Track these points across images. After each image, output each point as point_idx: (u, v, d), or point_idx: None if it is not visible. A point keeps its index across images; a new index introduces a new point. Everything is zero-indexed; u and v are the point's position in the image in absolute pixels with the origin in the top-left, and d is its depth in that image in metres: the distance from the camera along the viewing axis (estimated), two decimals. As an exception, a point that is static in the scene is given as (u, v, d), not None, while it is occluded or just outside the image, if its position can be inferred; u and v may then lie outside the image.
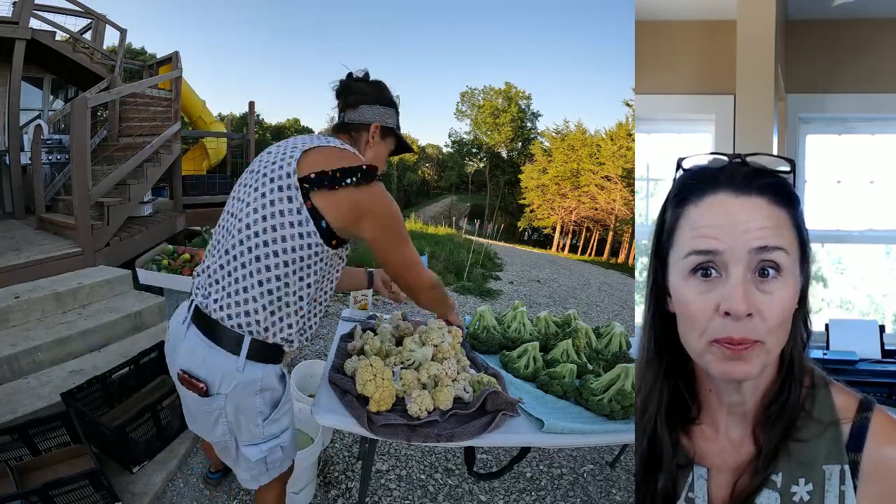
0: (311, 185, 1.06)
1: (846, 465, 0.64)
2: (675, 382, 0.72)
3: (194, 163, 7.99)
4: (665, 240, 0.69)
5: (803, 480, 0.65)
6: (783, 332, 0.64)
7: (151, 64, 7.86)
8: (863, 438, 0.64)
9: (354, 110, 1.29)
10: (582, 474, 2.33)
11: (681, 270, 0.66)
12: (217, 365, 1.11)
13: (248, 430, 1.17)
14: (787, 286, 0.63)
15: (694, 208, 0.66)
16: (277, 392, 1.19)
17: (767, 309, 0.62)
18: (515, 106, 26.75)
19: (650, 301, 0.73)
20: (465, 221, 18.41)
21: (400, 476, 2.22)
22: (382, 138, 1.32)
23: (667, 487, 0.70)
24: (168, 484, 2.04)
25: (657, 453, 0.71)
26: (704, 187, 0.66)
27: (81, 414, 2.04)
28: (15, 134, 5.40)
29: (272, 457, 1.23)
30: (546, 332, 1.97)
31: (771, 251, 0.62)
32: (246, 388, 1.12)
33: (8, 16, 5.28)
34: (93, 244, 3.92)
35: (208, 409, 1.15)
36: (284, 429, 1.25)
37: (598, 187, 20.07)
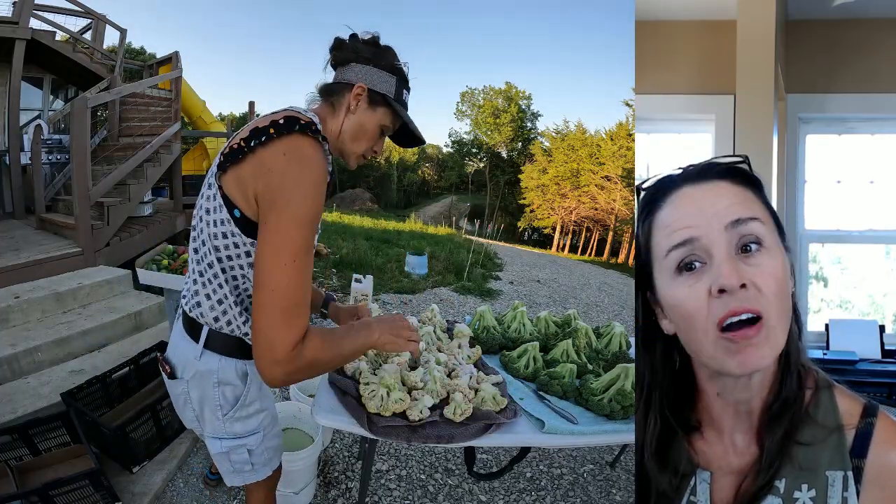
0: (222, 168, 0.93)
1: (849, 472, 0.63)
2: (662, 411, 0.71)
3: (194, 163, 7.99)
4: (645, 256, 0.70)
5: (806, 486, 0.64)
6: (782, 307, 0.62)
7: (151, 64, 7.87)
8: (867, 444, 0.63)
9: (344, 69, 1.06)
10: (582, 474, 2.33)
11: (667, 273, 0.66)
12: (183, 352, 1.12)
13: (210, 422, 1.14)
14: (774, 257, 0.63)
15: (661, 211, 0.68)
16: (238, 388, 1.11)
17: (760, 279, 0.61)
18: (515, 106, 26.73)
19: (637, 330, 0.73)
20: (465, 221, 18.41)
21: (400, 476, 2.22)
22: (371, 107, 1.05)
23: (669, 494, 0.70)
24: (168, 484, 2.04)
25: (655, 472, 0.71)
26: (666, 190, 0.68)
27: (81, 414, 2.04)
28: (15, 134, 5.40)
29: (236, 456, 1.16)
30: (546, 332, 1.96)
31: (746, 222, 0.62)
32: (204, 378, 1.10)
33: (8, 16, 5.28)
34: (93, 244, 3.92)
35: (175, 392, 1.16)
36: (252, 431, 1.16)
37: (598, 187, 20.06)
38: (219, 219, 0.95)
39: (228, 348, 1.08)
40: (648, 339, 0.72)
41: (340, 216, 14.34)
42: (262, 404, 1.17)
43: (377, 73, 1.05)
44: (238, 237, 0.95)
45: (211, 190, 0.97)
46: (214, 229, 0.97)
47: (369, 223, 13.92)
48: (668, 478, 0.70)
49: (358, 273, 2.25)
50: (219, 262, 0.99)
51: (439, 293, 6.12)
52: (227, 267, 1.00)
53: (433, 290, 6.25)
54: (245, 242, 0.96)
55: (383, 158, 27.67)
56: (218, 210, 0.95)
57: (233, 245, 0.96)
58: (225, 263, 1.00)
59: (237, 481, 1.22)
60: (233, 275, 1.01)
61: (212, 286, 1.02)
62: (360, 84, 1.03)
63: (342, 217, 14.16)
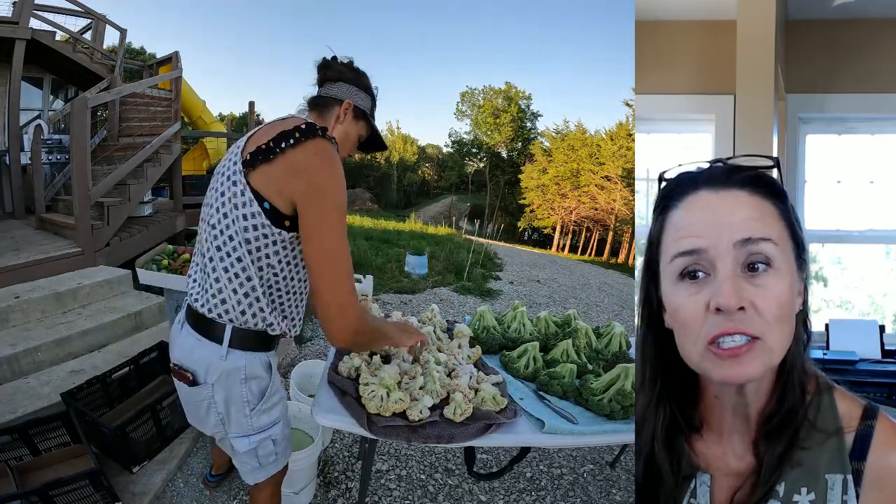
0: (249, 165, 1.03)
1: (849, 475, 0.62)
2: (670, 404, 0.71)
3: (194, 163, 7.99)
4: (654, 251, 0.68)
5: (805, 490, 0.63)
6: (784, 329, 0.61)
7: (151, 64, 7.87)
8: (866, 447, 0.63)
9: (332, 85, 1.24)
10: (582, 474, 2.33)
11: (670, 277, 0.65)
12: (203, 355, 1.14)
13: (237, 421, 1.18)
14: (781, 279, 0.61)
15: (675, 212, 0.66)
16: (264, 381, 1.18)
17: (761, 301, 0.59)
18: (515, 106, 26.74)
19: (642, 320, 0.72)
20: (465, 221, 18.41)
21: (400, 476, 2.22)
22: (354, 119, 1.25)
23: (668, 498, 0.69)
24: (168, 484, 2.04)
25: (656, 470, 0.70)
26: (684, 189, 0.66)
27: (81, 414, 2.04)
28: (15, 134, 5.40)
29: (263, 450, 1.23)
30: (546, 332, 1.97)
31: (757, 242, 0.60)
32: (231, 377, 1.13)
33: (8, 16, 5.28)
34: (93, 244, 3.92)
35: (198, 399, 1.17)
36: (275, 421, 1.23)
37: (598, 187, 20.07)
38: (249, 212, 1.03)
39: (254, 343, 1.14)
40: (653, 326, 0.71)
41: (340, 216, 14.31)
42: (281, 393, 1.25)
43: (359, 93, 1.25)
44: (268, 228, 1.04)
45: (237, 186, 1.04)
46: (245, 223, 1.04)
47: (369, 223, 13.93)
48: (675, 468, 0.69)
49: (358, 273, 2.24)
50: (249, 255, 1.06)
51: (439, 293, 6.12)
52: (256, 258, 1.07)
53: (433, 290, 6.25)
54: (274, 233, 1.05)
55: (383, 158, 27.70)
56: (248, 204, 1.03)
57: (262, 236, 1.05)
58: (254, 255, 1.06)
59: (261, 476, 1.27)
60: (260, 265, 1.07)
61: (239, 279, 1.08)
62: (348, 100, 1.22)
63: (342, 217, 14.13)
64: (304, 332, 4.00)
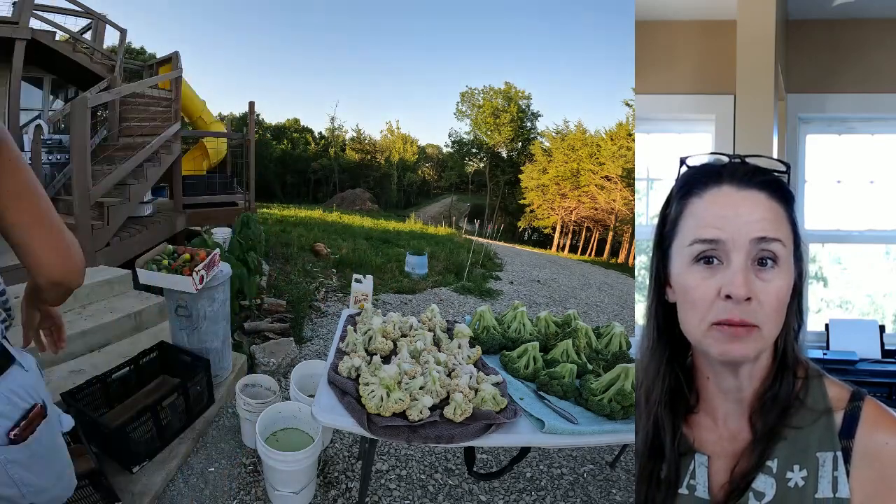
0: None
1: (838, 452, 0.67)
2: (675, 372, 0.76)
3: (194, 163, 7.98)
4: (668, 231, 0.74)
5: (797, 467, 0.68)
6: (778, 320, 0.68)
7: (151, 64, 7.87)
8: (854, 426, 0.67)
9: None
10: (582, 474, 2.33)
11: (684, 258, 0.70)
12: None
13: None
14: (783, 276, 0.68)
15: (698, 200, 0.71)
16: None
17: (764, 295, 0.66)
18: (515, 106, 26.73)
19: (653, 290, 0.77)
20: (465, 221, 18.39)
21: (400, 476, 2.22)
22: None
23: (669, 476, 0.73)
24: (168, 484, 2.04)
25: (659, 440, 0.75)
26: (708, 181, 0.71)
27: (81, 414, 2.04)
28: (15, 134, 5.40)
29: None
30: (546, 332, 1.97)
31: (770, 242, 0.67)
32: None
33: (8, 16, 5.28)
34: (93, 244, 3.92)
35: None
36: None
37: (598, 187, 20.06)
38: None
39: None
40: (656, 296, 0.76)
41: (340, 216, 14.34)
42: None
43: None
44: None
45: None
46: None
47: (369, 223, 13.92)
48: (678, 431, 0.74)
49: (358, 273, 2.25)
50: None
51: (439, 293, 6.12)
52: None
53: (433, 290, 6.25)
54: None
55: (383, 158, 27.70)
56: None
57: None
58: None
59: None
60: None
61: None
62: None
63: (342, 217, 14.16)
64: (304, 332, 4.00)
